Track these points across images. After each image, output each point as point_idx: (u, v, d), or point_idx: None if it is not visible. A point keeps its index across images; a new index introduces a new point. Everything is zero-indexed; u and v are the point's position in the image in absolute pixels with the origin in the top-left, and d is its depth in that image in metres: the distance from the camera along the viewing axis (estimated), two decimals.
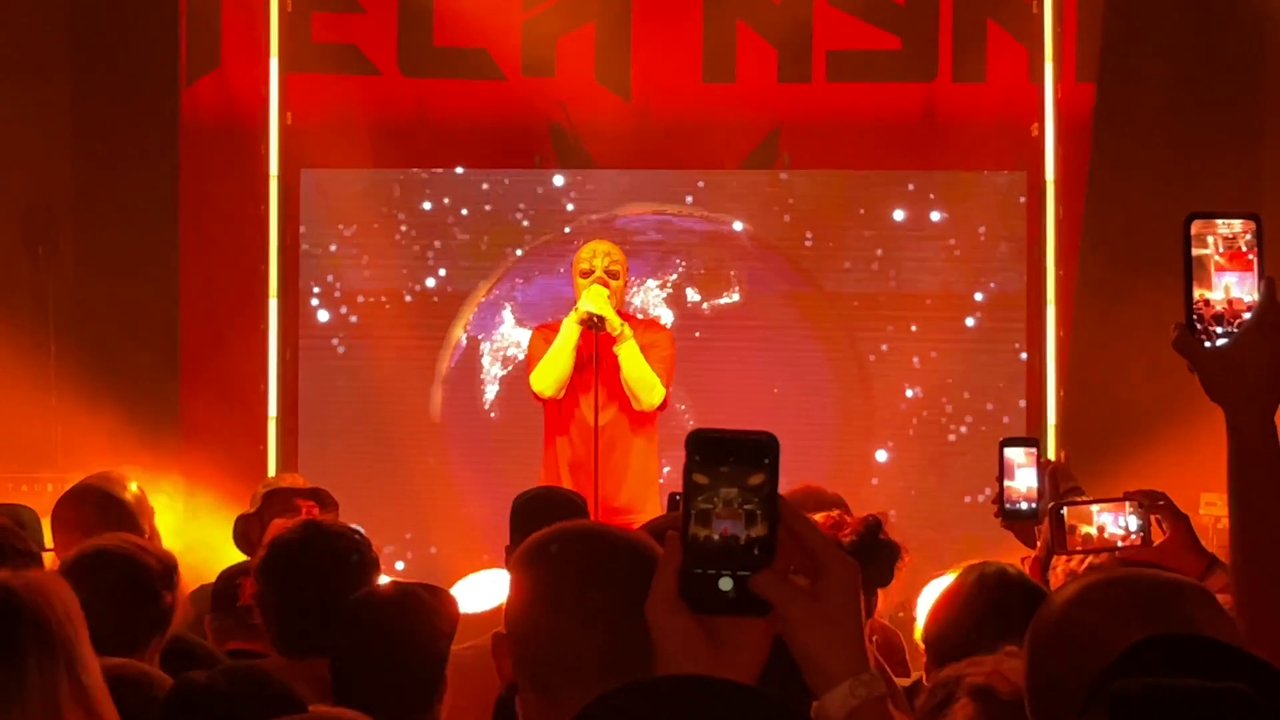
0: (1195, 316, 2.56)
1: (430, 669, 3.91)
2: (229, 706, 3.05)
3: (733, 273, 10.45)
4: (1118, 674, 1.91)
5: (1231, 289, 2.56)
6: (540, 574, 2.56)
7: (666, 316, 10.25)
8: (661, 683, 1.70)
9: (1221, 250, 2.56)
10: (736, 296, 10.44)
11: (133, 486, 5.81)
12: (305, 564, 4.29)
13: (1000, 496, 4.71)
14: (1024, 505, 4.66)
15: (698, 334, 10.30)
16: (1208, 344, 2.56)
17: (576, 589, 2.52)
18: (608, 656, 2.46)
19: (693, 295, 10.42)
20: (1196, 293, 2.56)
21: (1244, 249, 2.56)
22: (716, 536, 1.83)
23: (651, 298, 10.37)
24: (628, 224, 10.42)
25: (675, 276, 10.42)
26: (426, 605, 3.91)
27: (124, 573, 4.15)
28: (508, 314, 10.38)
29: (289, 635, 4.23)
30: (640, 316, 9.41)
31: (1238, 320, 2.55)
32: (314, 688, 3.89)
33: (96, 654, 3.13)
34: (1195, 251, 2.56)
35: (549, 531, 2.66)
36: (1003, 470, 4.67)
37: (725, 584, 1.84)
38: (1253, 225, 2.58)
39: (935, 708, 2.86)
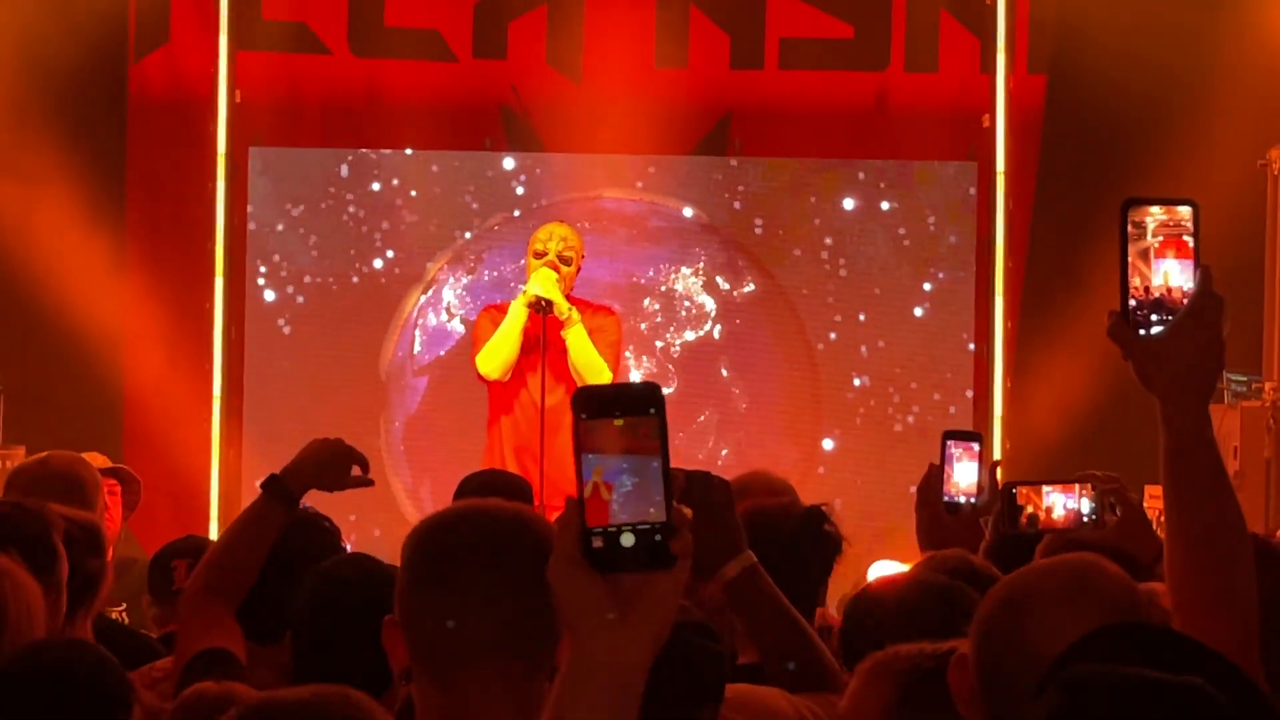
0: (1134, 304, 2.53)
1: None
2: (36, 689, 2.97)
3: (741, 261, 10.42)
4: (1073, 660, 1.89)
5: (1171, 276, 2.53)
6: (436, 555, 2.53)
7: (710, 305, 10.25)
8: None
9: (1160, 237, 2.54)
10: (752, 286, 10.41)
11: (93, 467, 5.74)
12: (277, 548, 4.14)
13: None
14: (962, 499, 4.61)
15: (738, 321, 10.30)
16: (1142, 332, 2.53)
17: (473, 570, 2.49)
18: (503, 636, 2.45)
19: (723, 284, 10.39)
20: (1135, 279, 2.53)
21: (1182, 236, 2.54)
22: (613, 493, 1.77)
23: (690, 285, 10.33)
24: (620, 207, 10.38)
25: (702, 264, 10.39)
26: (390, 575, 3.82)
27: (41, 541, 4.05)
28: None
29: (254, 621, 4.07)
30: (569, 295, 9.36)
31: (1176, 307, 2.52)
32: (280, 673, 3.80)
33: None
34: (1133, 238, 2.53)
35: (444, 513, 2.62)
36: (944, 462, 4.62)
37: (627, 540, 1.77)
38: (1190, 212, 2.55)
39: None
